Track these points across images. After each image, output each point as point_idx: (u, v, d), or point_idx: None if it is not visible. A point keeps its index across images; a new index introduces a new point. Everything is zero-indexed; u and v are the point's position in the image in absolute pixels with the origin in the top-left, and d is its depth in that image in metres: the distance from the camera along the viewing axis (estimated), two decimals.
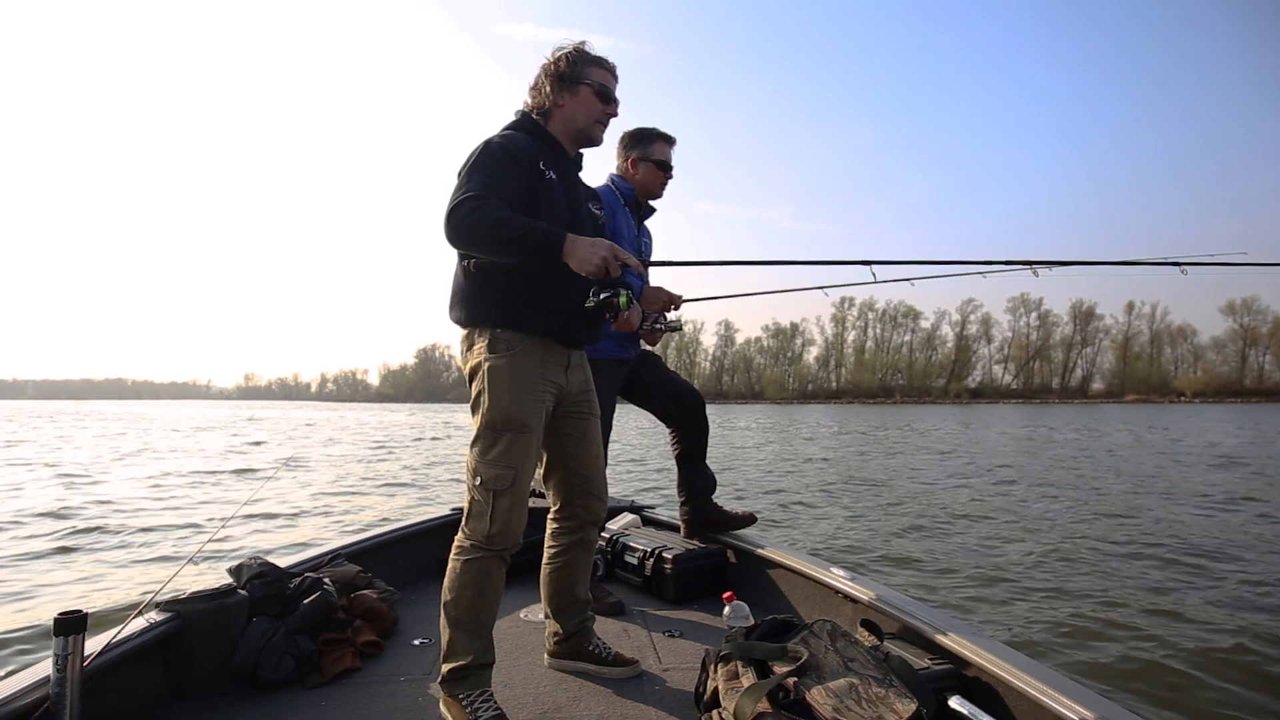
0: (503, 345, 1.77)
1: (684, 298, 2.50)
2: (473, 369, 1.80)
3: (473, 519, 1.76)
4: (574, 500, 2.01)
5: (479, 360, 1.78)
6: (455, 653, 1.75)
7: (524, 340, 1.78)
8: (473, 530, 1.76)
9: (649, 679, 2.02)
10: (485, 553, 1.75)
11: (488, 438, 1.75)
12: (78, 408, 68.92)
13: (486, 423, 1.75)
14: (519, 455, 1.75)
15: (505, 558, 1.78)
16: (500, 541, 1.74)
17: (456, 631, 1.75)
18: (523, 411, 1.76)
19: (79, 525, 7.30)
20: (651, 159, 2.63)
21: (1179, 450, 15.01)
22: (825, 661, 1.61)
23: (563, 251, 1.63)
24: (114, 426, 29.74)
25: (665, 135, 2.67)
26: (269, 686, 1.94)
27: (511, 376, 1.75)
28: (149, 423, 33.62)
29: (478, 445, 1.77)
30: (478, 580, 1.75)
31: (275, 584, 2.16)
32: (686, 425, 2.84)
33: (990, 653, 1.61)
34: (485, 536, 1.74)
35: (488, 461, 1.74)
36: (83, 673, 1.48)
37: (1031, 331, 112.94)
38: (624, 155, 2.67)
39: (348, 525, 7.41)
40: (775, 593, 2.56)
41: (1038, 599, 4.34)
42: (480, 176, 1.68)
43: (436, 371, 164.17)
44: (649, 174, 2.64)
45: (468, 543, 1.77)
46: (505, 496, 1.73)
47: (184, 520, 7.80)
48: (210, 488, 10.67)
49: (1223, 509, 7.55)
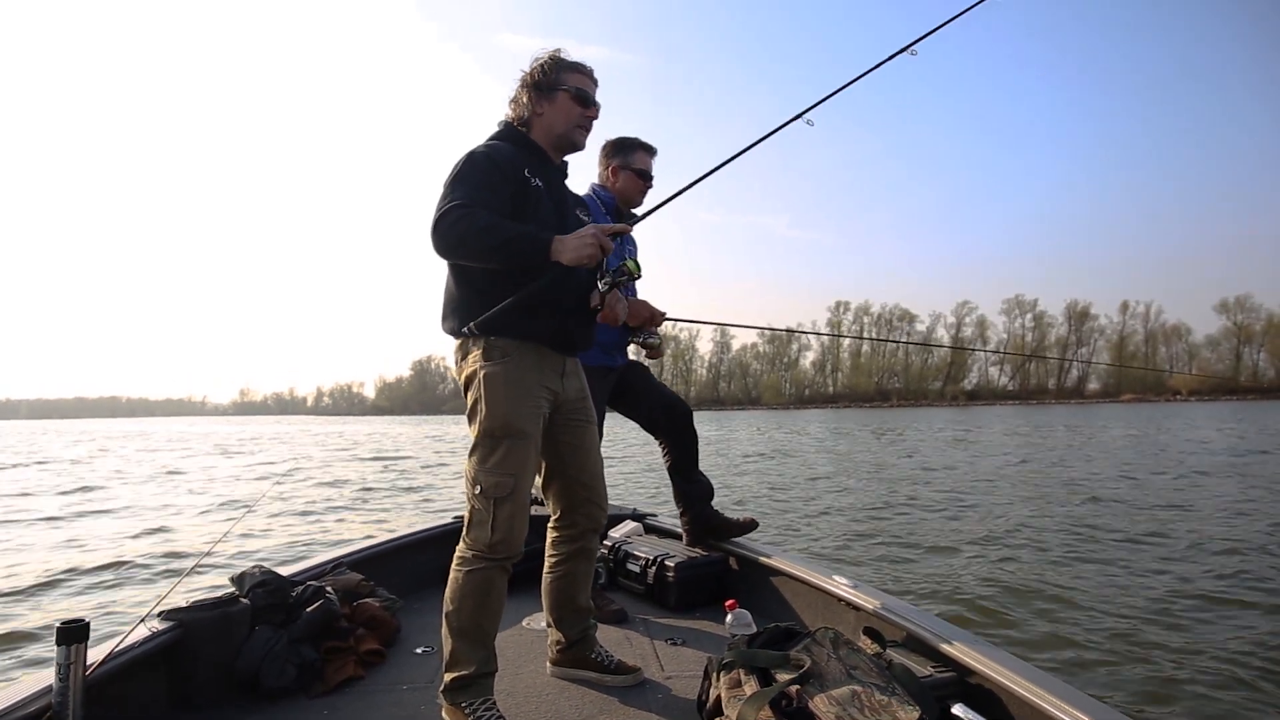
0: (498, 353, 1.77)
1: (666, 315, 2.54)
2: (468, 377, 1.79)
3: (474, 528, 1.76)
4: (575, 508, 2.01)
5: (474, 368, 1.78)
6: (458, 663, 1.74)
7: (519, 347, 1.79)
8: (474, 540, 1.75)
9: (651, 687, 2.02)
10: (488, 562, 1.74)
11: (486, 446, 1.75)
12: (78, 427, 68.51)
13: (484, 431, 1.75)
14: (518, 463, 1.75)
15: (507, 567, 1.78)
16: (503, 550, 1.74)
17: (459, 641, 1.75)
18: (520, 419, 1.76)
19: (82, 533, 7.28)
20: (632, 167, 2.67)
21: (1183, 449, 15.04)
22: (828, 669, 1.61)
23: (551, 252, 1.63)
24: (118, 445, 29.64)
25: (646, 145, 2.72)
26: (271, 695, 1.94)
27: (508, 383, 1.75)
28: (146, 439, 33.41)
29: (476, 454, 1.77)
30: (480, 590, 1.75)
31: (278, 593, 2.16)
32: (674, 435, 2.85)
33: (993, 660, 1.62)
34: (487, 545, 1.73)
35: (487, 469, 1.74)
36: (85, 681, 1.49)
37: (1027, 333, 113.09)
38: (605, 164, 2.71)
39: (350, 534, 7.40)
40: (778, 600, 2.56)
41: (1042, 605, 4.34)
42: (465, 186, 1.69)
43: (432, 384, 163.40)
44: (629, 182, 2.68)
45: (470, 553, 1.76)
46: (506, 504, 1.73)
47: (186, 529, 7.78)
48: (213, 497, 10.65)
49: (1238, 512, 7.53)
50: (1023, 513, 7.76)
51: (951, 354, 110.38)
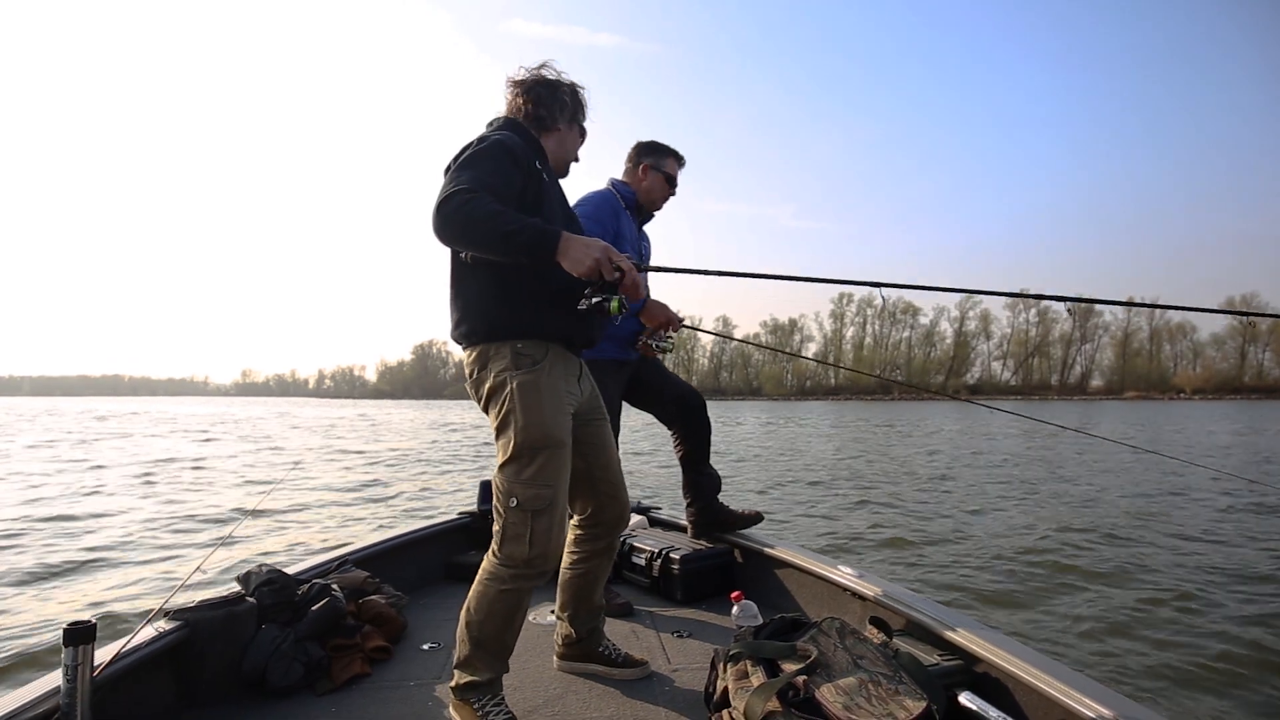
0: (528, 360, 1.69)
1: (683, 321, 2.60)
2: (493, 389, 1.70)
3: (508, 543, 1.68)
4: (601, 507, 1.98)
5: (504, 378, 1.69)
6: (474, 669, 1.72)
7: (547, 350, 1.73)
8: (509, 555, 1.68)
9: (659, 680, 2.03)
10: (522, 580, 1.68)
11: (524, 459, 1.67)
12: (78, 405, 68.63)
13: (522, 443, 1.66)
14: (555, 473, 1.68)
15: (542, 577, 1.71)
16: (540, 564, 1.68)
17: (478, 651, 1.71)
18: (560, 428, 1.70)
19: (88, 530, 7.30)
20: (662, 170, 2.72)
21: (1190, 446, 15.01)
22: (834, 659, 1.61)
23: (557, 250, 1.54)
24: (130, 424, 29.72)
25: (678, 154, 2.78)
26: (279, 693, 1.94)
27: (543, 391, 1.68)
28: (159, 422, 33.48)
29: (510, 466, 1.68)
30: (510, 608, 1.70)
31: (284, 591, 2.17)
32: (689, 427, 2.86)
33: (1000, 648, 1.62)
34: (524, 561, 1.66)
35: (523, 482, 1.66)
36: (93, 682, 1.49)
37: (1031, 328, 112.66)
38: (635, 161, 2.75)
39: (356, 530, 7.42)
40: (783, 591, 2.56)
41: (1048, 593, 4.34)
42: (473, 171, 1.61)
43: (433, 368, 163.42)
44: (656, 183, 2.72)
45: (504, 570, 1.68)
46: (544, 517, 1.66)
47: (191, 527, 7.80)
48: (218, 494, 10.67)
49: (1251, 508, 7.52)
50: (1031, 501, 7.76)
51: (954, 348, 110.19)
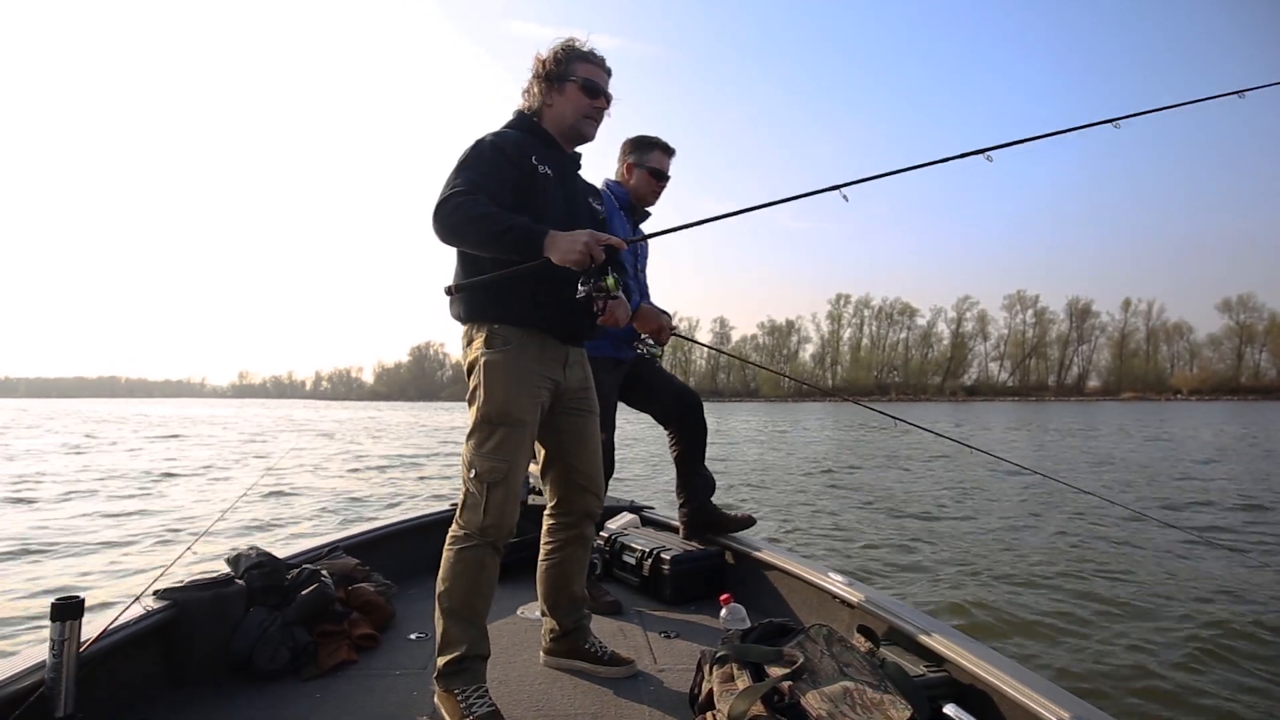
0: (499, 340, 1.81)
1: (675, 330, 2.61)
2: (470, 364, 1.84)
3: (467, 510, 1.80)
4: (572, 496, 2.03)
5: (476, 355, 1.82)
6: (450, 643, 1.76)
7: (521, 335, 1.82)
8: (467, 521, 1.80)
9: (644, 679, 2.03)
10: (479, 542, 1.78)
11: (483, 431, 1.79)
12: (74, 408, 68.50)
13: (482, 416, 1.79)
14: (513, 449, 1.79)
15: (499, 547, 1.82)
16: (494, 532, 1.78)
17: (450, 621, 1.77)
18: (518, 407, 1.79)
19: (80, 512, 7.30)
20: (647, 166, 2.69)
21: (1187, 448, 15.06)
22: (821, 666, 1.61)
23: (544, 246, 1.66)
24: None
25: (665, 145, 2.74)
26: (264, 677, 1.95)
27: (507, 371, 1.79)
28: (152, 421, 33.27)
29: (473, 438, 1.81)
30: (471, 569, 1.78)
31: (273, 575, 2.17)
32: (685, 427, 2.86)
33: (986, 661, 1.62)
34: (479, 528, 1.77)
35: (482, 454, 1.78)
36: (78, 658, 1.49)
37: (1028, 329, 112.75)
38: (622, 160, 2.74)
39: (347, 518, 7.42)
40: (772, 596, 2.56)
41: (1037, 607, 4.35)
42: (468, 173, 1.73)
43: (430, 370, 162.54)
44: (643, 180, 2.70)
45: (461, 533, 1.81)
46: (499, 488, 1.77)
47: (183, 510, 7.80)
48: (210, 479, 10.66)
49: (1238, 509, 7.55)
50: (1022, 510, 7.77)
51: (952, 349, 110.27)
